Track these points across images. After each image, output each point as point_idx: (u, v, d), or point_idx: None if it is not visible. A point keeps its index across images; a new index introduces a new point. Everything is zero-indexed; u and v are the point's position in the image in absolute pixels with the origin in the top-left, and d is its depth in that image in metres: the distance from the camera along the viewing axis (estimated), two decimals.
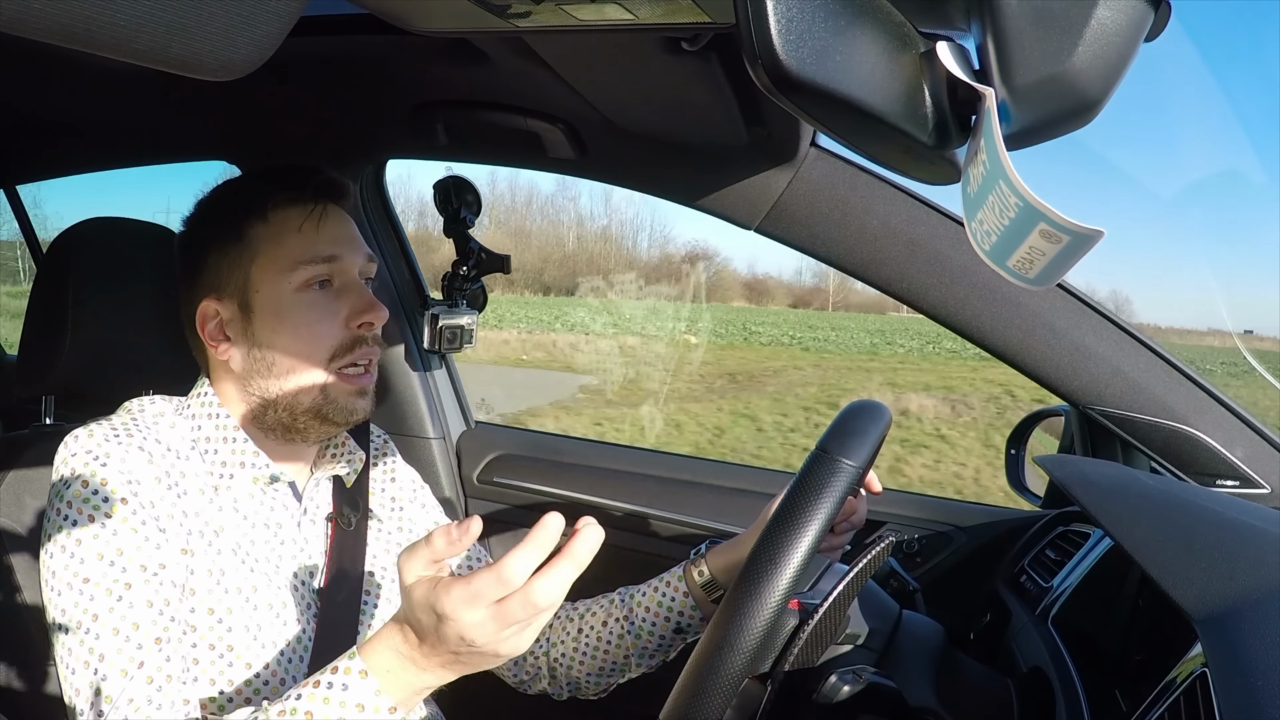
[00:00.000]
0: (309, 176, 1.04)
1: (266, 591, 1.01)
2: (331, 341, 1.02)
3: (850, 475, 0.86)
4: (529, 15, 0.83)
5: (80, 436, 0.96)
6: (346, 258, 1.04)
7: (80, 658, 0.88)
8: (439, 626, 0.77)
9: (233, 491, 1.03)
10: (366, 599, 1.13)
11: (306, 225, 1.02)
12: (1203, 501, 1.02)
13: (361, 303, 1.04)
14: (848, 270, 1.37)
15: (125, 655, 0.88)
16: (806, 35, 0.44)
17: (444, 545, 0.78)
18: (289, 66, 1.34)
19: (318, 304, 1.02)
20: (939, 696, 1.03)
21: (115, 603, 0.89)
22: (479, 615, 0.76)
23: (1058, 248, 0.47)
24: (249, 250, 1.02)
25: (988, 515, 1.60)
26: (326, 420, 1.04)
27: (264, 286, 1.01)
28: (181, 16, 0.36)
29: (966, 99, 0.52)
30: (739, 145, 1.30)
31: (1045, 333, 1.31)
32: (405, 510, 1.25)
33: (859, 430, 0.91)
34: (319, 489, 1.13)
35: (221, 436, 1.04)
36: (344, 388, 1.03)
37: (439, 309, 1.71)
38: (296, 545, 1.07)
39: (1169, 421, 1.30)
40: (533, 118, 1.40)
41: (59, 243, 1.15)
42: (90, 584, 0.89)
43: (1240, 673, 0.64)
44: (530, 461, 1.84)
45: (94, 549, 0.90)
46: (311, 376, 1.02)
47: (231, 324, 1.03)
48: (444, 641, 0.78)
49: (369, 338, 1.05)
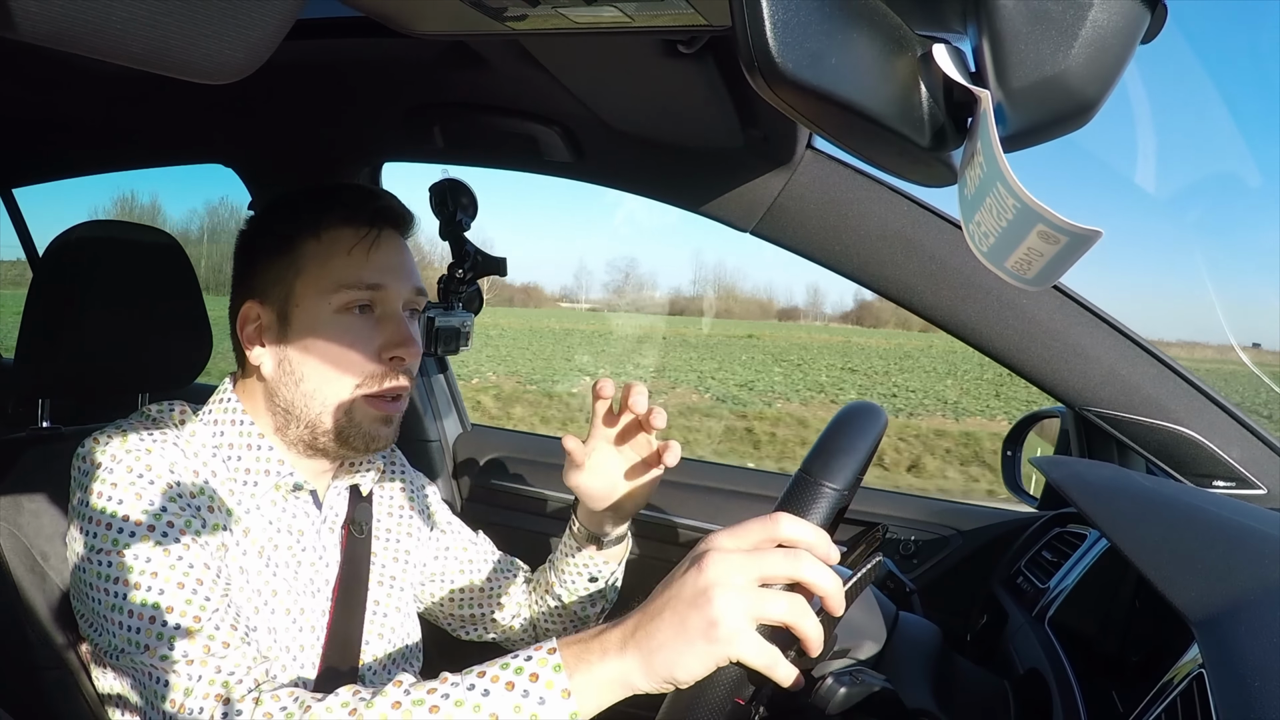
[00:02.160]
0: (367, 199, 1.04)
1: (286, 596, 1.02)
2: (362, 369, 1.02)
3: (832, 500, 0.82)
4: (525, 18, 0.83)
5: (111, 432, 0.96)
6: (392, 287, 1.03)
7: (145, 615, 0.88)
8: (694, 568, 0.71)
9: (256, 498, 1.03)
10: (375, 608, 1.14)
11: (357, 249, 1.02)
12: (1199, 503, 1.02)
13: (399, 336, 1.03)
14: (844, 273, 1.38)
15: (195, 606, 0.88)
16: (802, 38, 0.44)
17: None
18: (285, 70, 1.34)
19: (354, 329, 1.01)
20: (936, 698, 1.03)
21: (176, 561, 0.90)
22: (739, 546, 0.72)
23: (1056, 248, 0.47)
24: (296, 263, 1.02)
25: (984, 517, 1.60)
26: (346, 444, 1.04)
27: (304, 302, 1.01)
28: (178, 20, 0.36)
29: (963, 101, 0.52)
30: (735, 148, 1.31)
31: (1041, 334, 1.31)
32: (414, 519, 1.26)
33: (843, 449, 0.86)
34: (339, 497, 1.14)
35: (245, 443, 1.04)
36: (369, 413, 1.03)
37: (435, 312, 1.71)
38: (315, 552, 1.08)
39: (1165, 423, 1.30)
40: (529, 120, 1.40)
41: (56, 246, 1.15)
42: (147, 547, 0.89)
43: (1237, 674, 0.64)
44: (526, 464, 1.84)
45: (146, 522, 0.91)
46: (337, 399, 1.02)
47: (269, 331, 1.03)
48: (680, 595, 0.71)
49: (401, 371, 1.03)
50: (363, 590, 1.12)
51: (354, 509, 1.15)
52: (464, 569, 1.31)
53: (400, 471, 1.28)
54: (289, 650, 1.01)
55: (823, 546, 0.73)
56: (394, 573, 1.18)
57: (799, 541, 0.72)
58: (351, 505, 1.15)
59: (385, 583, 1.16)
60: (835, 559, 0.75)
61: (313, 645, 1.04)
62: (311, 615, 1.05)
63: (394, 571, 1.18)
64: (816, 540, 0.73)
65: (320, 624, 1.06)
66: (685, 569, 0.72)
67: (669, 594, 0.72)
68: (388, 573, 1.17)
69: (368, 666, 1.10)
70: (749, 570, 0.70)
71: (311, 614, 1.05)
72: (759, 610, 0.69)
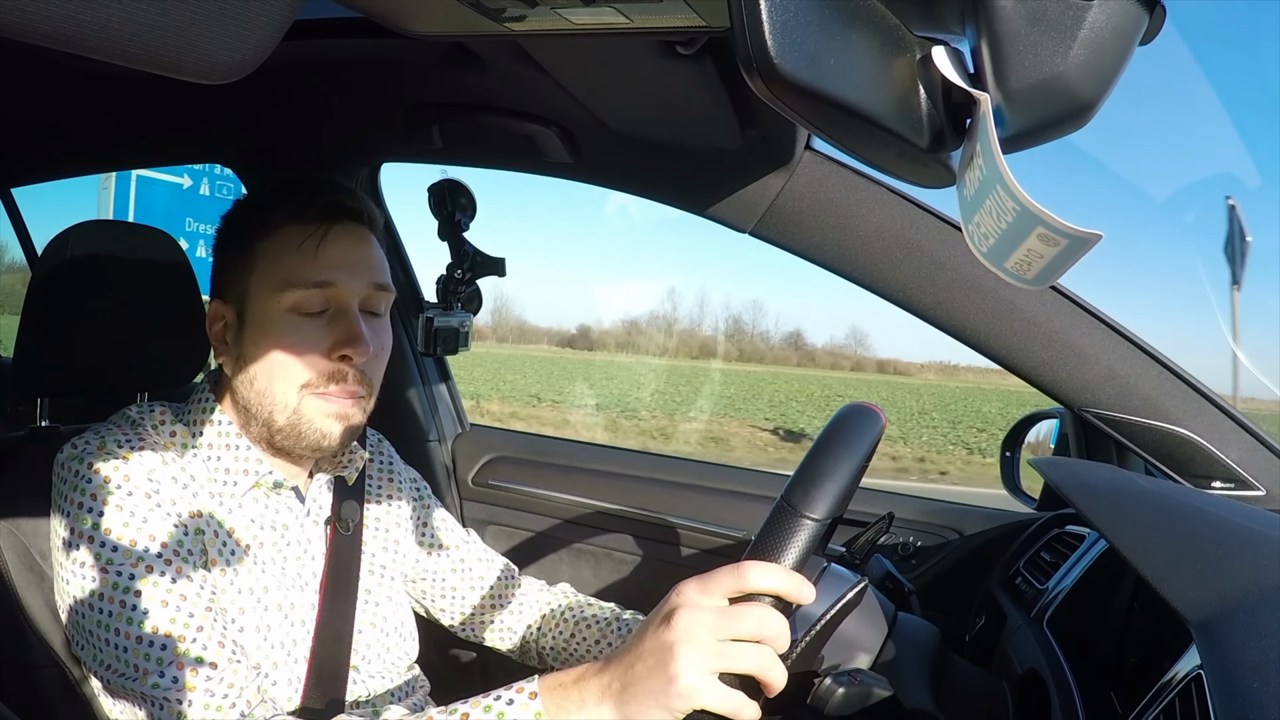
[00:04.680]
0: (315, 194, 1.01)
1: (276, 592, 1.03)
2: (310, 368, 0.99)
3: (812, 532, 0.81)
4: (524, 19, 0.83)
5: (89, 439, 0.96)
6: (343, 284, 0.99)
7: (130, 634, 0.88)
8: (663, 625, 0.75)
9: (238, 497, 1.03)
10: (366, 598, 1.14)
11: (305, 245, 0.99)
12: (1197, 504, 1.02)
13: (347, 334, 0.99)
14: (843, 274, 1.37)
15: (180, 624, 0.89)
16: (801, 39, 0.44)
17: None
18: (284, 70, 1.34)
19: (303, 328, 0.99)
20: (934, 699, 1.03)
21: (159, 578, 0.90)
22: (708, 603, 0.75)
23: (1055, 251, 0.47)
24: (250, 262, 1.01)
25: (983, 517, 1.60)
26: (299, 442, 1.01)
27: (257, 301, 1.00)
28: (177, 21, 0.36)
29: (961, 102, 0.52)
30: (734, 149, 1.30)
31: (1040, 335, 1.31)
32: (403, 508, 1.26)
33: (825, 473, 0.83)
34: (321, 491, 1.14)
35: (224, 444, 1.04)
36: (319, 408, 1.00)
37: (433, 312, 1.71)
38: (300, 546, 1.08)
39: (1164, 424, 1.30)
40: (528, 121, 1.39)
41: (54, 245, 1.15)
42: (129, 564, 0.90)
43: (1236, 675, 0.64)
44: (525, 464, 1.84)
45: (125, 535, 0.91)
46: (284, 398, 0.99)
47: (230, 330, 1.03)
48: (651, 650, 0.74)
49: (350, 373, 1.00)
50: (353, 581, 1.12)
51: (340, 503, 1.14)
52: (455, 567, 1.33)
53: (388, 463, 1.28)
54: (282, 645, 1.02)
55: (794, 591, 0.76)
56: (384, 561, 1.19)
57: (769, 590, 0.76)
58: (337, 499, 1.15)
59: (375, 571, 1.17)
60: (809, 600, 0.77)
61: (303, 639, 1.05)
62: (301, 609, 1.05)
63: (384, 561, 1.19)
64: (787, 587, 0.76)
65: (310, 617, 1.06)
66: (656, 624, 0.76)
67: (641, 648, 0.76)
68: (377, 561, 1.18)
69: (361, 656, 1.10)
70: (715, 629, 0.73)
71: (301, 608, 1.05)
72: (722, 664, 0.73)
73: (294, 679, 1.02)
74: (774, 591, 0.76)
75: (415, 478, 1.34)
